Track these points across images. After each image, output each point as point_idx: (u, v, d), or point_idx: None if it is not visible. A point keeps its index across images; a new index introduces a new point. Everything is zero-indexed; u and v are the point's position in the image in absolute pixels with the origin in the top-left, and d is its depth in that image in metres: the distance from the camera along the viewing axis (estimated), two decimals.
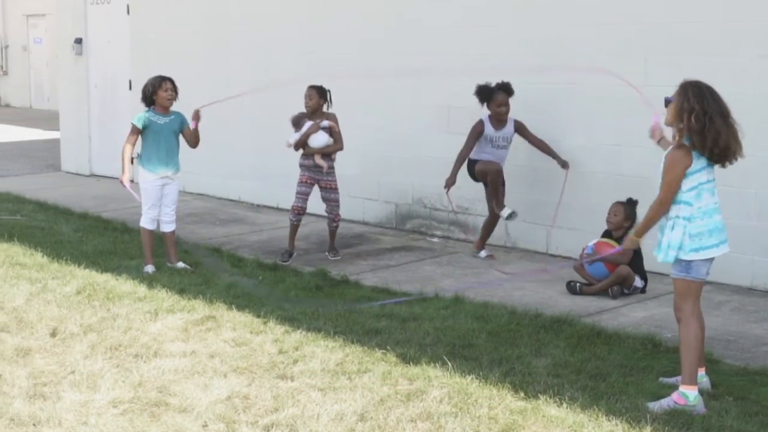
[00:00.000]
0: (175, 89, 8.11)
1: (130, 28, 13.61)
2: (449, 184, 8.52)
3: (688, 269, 5.11)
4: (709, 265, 5.13)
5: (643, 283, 7.51)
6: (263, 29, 11.59)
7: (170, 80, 8.12)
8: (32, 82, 28.44)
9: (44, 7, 25.32)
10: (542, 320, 6.53)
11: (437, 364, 5.54)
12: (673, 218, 5.11)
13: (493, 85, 8.45)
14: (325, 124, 8.65)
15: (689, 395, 4.97)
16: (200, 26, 12.51)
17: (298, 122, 8.72)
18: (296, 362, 5.65)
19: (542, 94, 8.78)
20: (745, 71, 7.53)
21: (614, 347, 6.00)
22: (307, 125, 8.66)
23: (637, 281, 7.46)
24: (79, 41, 14.42)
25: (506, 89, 8.43)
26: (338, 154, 8.88)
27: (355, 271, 8.30)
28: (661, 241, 5.16)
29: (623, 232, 7.55)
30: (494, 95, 8.41)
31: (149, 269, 7.99)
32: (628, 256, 7.39)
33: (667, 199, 5.12)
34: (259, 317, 6.53)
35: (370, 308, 6.81)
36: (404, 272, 8.33)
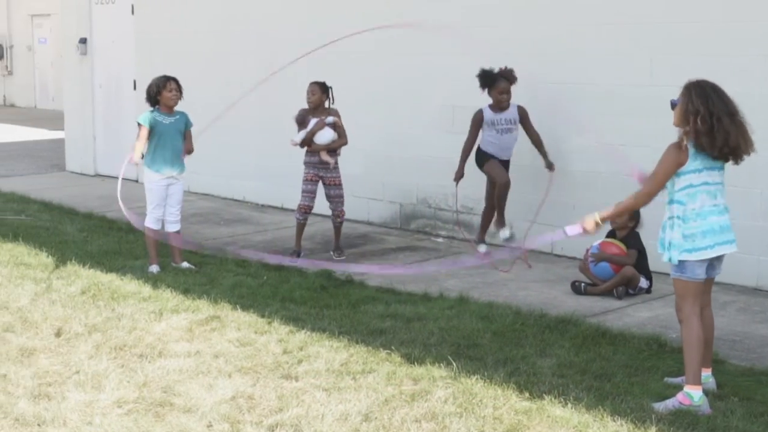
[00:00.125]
0: (179, 89, 8.10)
1: (134, 28, 13.62)
2: (458, 177, 8.62)
3: (682, 269, 5.09)
4: (705, 265, 5.09)
5: (648, 283, 7.50)
6: (267, 29, 11.59)
7: (175, 80, 8.11)
8: (37, 82, 28.47)
9: (49, 7, 25.34)
10: (547, 320, 6.52)
11: (442, 364, 5.54)
12: (671, 218, 5.12)
13: (496, 71, 8.45)
14: (330, 120, 8.66)
15: (694, 395, 4.96)
16: (205, 26, 12.52)
17: (303, 120, 8.72)
18: (301, 362, 5.65)
19: (546, 93, 8.76)
20: (750, 71, 7.50)
21: (619, 347, 5.99)
22: (312, 122, 8.65)
23: (642, 282, 7.45)
24: (83, 41, 14.43)
25: (508, 76, 8.42)
26: (343, 154, 8.89)
27: (359, 271, 8.29)
28: (663, 239, 5.15)
29: (627, 232, 7.55)
30: (496, 82, 8.40)
31: (154, 269, 7.99)
32: (633, 257, 7.39)
33: (650, 191, 5.09)
34: (263, 317, 6.53)
35: (374, 309, 6.81)
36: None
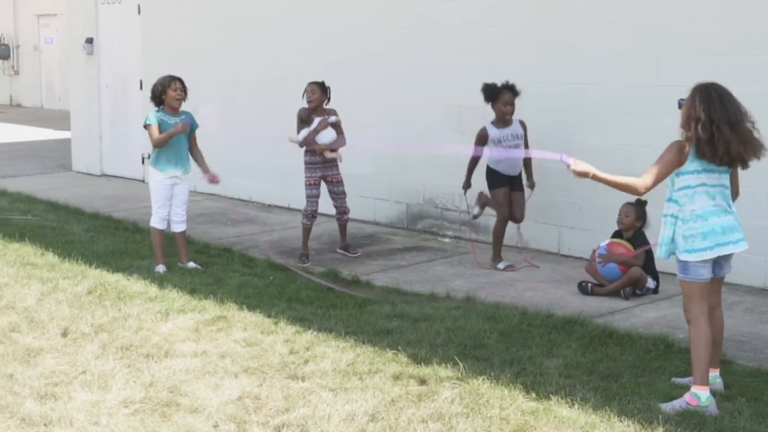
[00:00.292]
0: (184, 89, 8.10)
1: (141, 27, 13.62)
2: (465, 187, 8.64)
3: (685, 270, 5.10)
4: (708, 266, 5.09)
5: (655, 283, 7.48)
6: (275, 29, 11.58)
7: (180, 80, 8.11)
8: (43, 82, 28.52)
9: (55, 7, 25.38)
10: (554, 321, 6.51)
11: (448, 364, 5.53)
12: (665, 216, 5.14)
13: (499, 85, 8.45)
14: (332, 119, 8.67)
15: (701, 396, 4.95)
16: (211, 26, 12.51)
17: (308, 118, 8.72)
18: (307, 362, 5.65)
19: (555, 94, 8.75)
20: (757, 71, 7.47)
21: (626, 348, 5.98)
22: (316, 121, 8.66)
23: (649, 282, 7.43)
24: (90, 41, 14.44)
25: (512, 89, 8.42)
26: (349, 153, 8.89)
27: (366, 271, 8.30)
28: (660, 236, 5.18)
29: (634, 232, 7.54)
30: (500, 94, 8.40)
31: (160, 269, 8.00)
32: (641, 259, 7.38)
33: (645, 183, 5.05)
34: (269, 317, 6.53)
35: (381, 309, 6.80)
36: (415, 272, 8.32)
